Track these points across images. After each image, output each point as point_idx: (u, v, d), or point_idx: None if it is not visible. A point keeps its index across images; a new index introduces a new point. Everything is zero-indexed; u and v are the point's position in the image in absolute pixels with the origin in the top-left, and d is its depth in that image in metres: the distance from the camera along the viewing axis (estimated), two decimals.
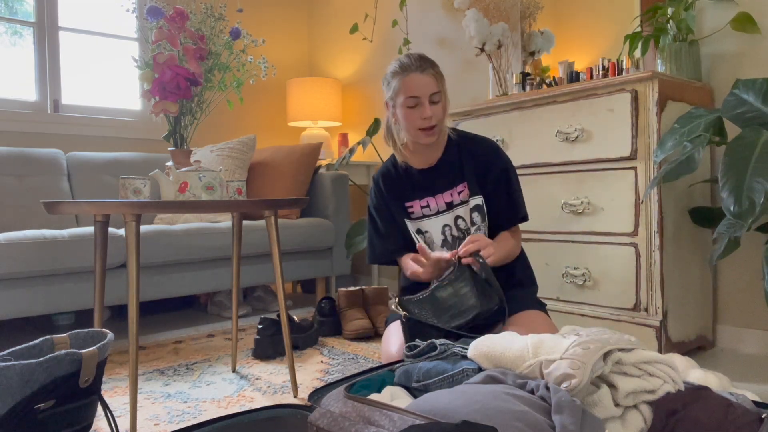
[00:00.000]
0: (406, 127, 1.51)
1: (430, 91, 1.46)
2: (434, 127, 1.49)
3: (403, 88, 1.47)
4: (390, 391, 1.03)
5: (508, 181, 1.56)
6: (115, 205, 1.33)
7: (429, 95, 1.46)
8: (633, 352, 0.91)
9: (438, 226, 1.57)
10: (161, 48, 1.63)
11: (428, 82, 1.46)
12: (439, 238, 1.57)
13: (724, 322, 2.02)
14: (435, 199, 1.57)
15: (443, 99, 1.50)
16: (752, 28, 1.88)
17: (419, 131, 1.49)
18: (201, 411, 1.50)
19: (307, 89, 3.47)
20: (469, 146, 1.59)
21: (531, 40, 2.49)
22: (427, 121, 1.47)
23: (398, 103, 1.50)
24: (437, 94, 1.48)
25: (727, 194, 1.34)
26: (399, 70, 1.49)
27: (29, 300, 2.00)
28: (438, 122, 1.49)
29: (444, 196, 1.57)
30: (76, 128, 3.00)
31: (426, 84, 1.46)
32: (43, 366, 0.90)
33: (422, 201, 1.58)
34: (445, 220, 1.56)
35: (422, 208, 1.58)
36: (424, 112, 1.46)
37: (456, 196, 1.56)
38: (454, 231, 1.55)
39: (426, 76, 1.46)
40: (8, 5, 2.90)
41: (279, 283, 1.60)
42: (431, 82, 1.46)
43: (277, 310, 2.85)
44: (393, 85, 1.50)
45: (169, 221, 2.64)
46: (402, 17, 3.12)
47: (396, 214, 1.61)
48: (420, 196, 1.59)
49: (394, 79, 1.50)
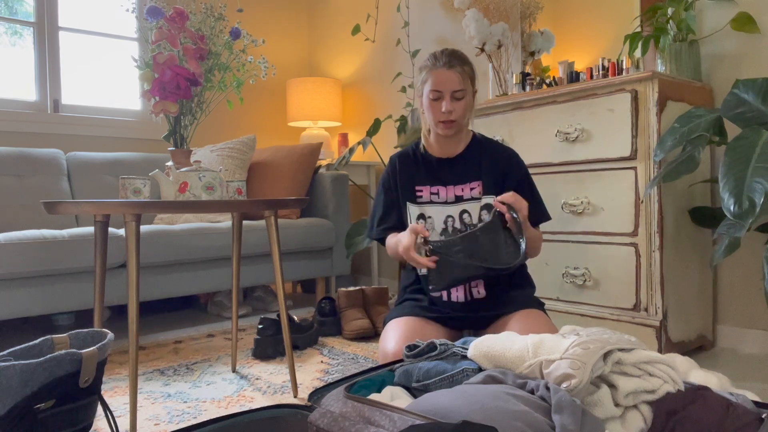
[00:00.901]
0: (429, 118, 1.59)
1: (453, 88, 1.51)
2: (453, 122, 1.54)
3: (428, 81, 1.54)
4: (390, 391, 1.03)
5: (530, 185, 1.62)
6: (115, 205, 1.33)
7: (451, 91, 1.52)
8: (633, 352, 0.91)
9: (442, 214, 1.59)
10: (161, 48, 1.63)
11: (452, 78, 1.51)
12: (440, 226, 1.59)
13: (724, 322, 2.02)
14: (446, 189, 1.61)
15: (467, 97, 1.55)
16: (752, 28, 1.88)
17: (438, 123, 1.55)
18: (201, 411, 1.50)
19: (307, 89, 3.46)
20: (490, 150, 1.64)
21: (531, 40, 2.49)
22: (446, 115, 1.53)
23: (424, 93, 1.56)
24: (460, 92, 1.52)
25: (727, 194, 1.34)
26: (429, 63, 1.56)
27: (29, 300, 2.00)
28: (458, 118, 1.54)
29: (455, 189, 1.60)
30: (76, 128, 2.99)
31: (450, 80, 1.51)
32: (43, 366, 0.90)
33: (433, 188, 1.62)
34: (451, 211, 1.58)
35: (431, 194, 1.61)
36: (446, 106, 1.52)
37: (467, 192, 1.59)
38: (457, 223, 1.57)
39: (452, 73, 1.51)
40: (8, 5, 2.90)
41: (279, 283, 1.60)
42: (455, 79, 1.51)
43: (277, 310, 2.85)
44: (421, 76, 1.58)
45: (169, 221, 2.64)
46: (402, 17, 3.12)
47: (401, 195, 1.65)
48: (432, 182, 1.62)
49: (423, 70, 1.57)
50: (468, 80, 1.54)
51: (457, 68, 1.52)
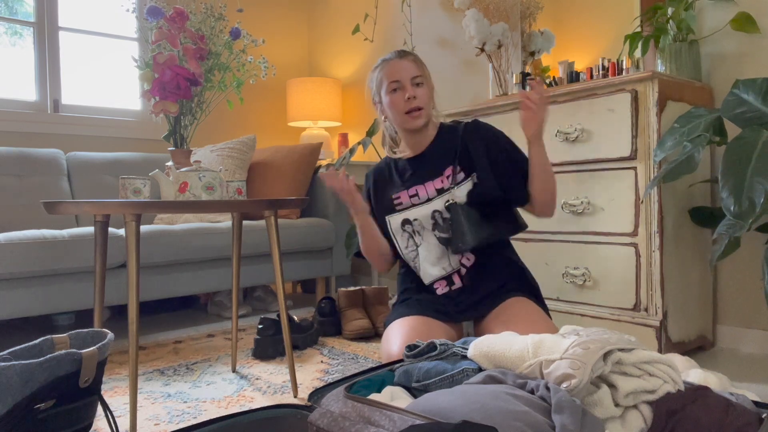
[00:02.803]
0: (394, 116, 1.56)
1: (411, 75, 1.52)
2: (420, 110, 1.53)
3: (384, 75, 1.54)
4: (390, 391, 1.03)
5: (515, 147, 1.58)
6: (115, 205, 1.33)
7: (410, 78, 1.52)
8: (633, 352, 0.90)
9: (427, 212, 1.56)
10: (161, 48, 1.63)
11: (408, 66, 1.53)
12: (429, 222, 1.56)
13: (724, 322, 2.02)
14: (424, 186, 1.58)
15: (426, 83, 1.55)
16: (752, 28, 1.88)
17: (405, 116, 1.53)
18: (201, 411, 1.50)
19: (307, 89, 3.46)
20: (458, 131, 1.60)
21: (531, 40, 2.49)
22: (410, 102, 1.51)
23: (383, 92, 1.55)
24: (419, 77, 1.53)
25: (727, 194, 1.34)
26: (379, 63, 1.58)
27: (29, 300, 2.00)
28: (423, 104, 1.52)
29: (434, 183, 1.57)
30: (76, 128, 2.99)
31: (406, 68, 1.52)
32: (43, 366, 0.90)
33: (410, 190, 1.59)
34: (435, 205, 1.56)
35: (410, 197, 1.59)
36: (408, 92, 1.51)
37: (446, 182, 1.56)
38: (445, 213, 1.54)
39: (405, 62, 1.53)
40: (8, 5, 2.90)
41: (279, 283, 1.59)
42: (411, 66, 1.53)
43: (277, 310, 2.85)
44: (376, 78, 1.57)
45: (169, 221, 2.64)
46: (402, 17, 3.12)
47: (378, 213, 1.64)
48: (408, 185, 1.59)
49: (376, 71, 1.57)
50: (424, 68, 1.55)
51: (409, 56, 1.54)
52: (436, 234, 1.56)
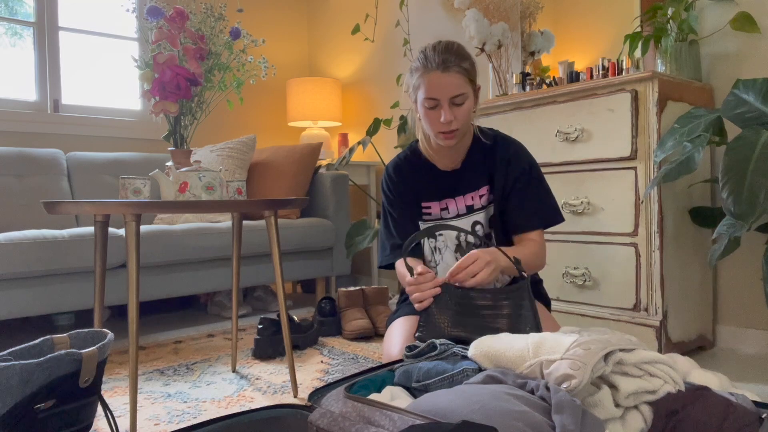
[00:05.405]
0: (427, 128, 1.41)
1: (451, 94, 1.32)
2: (454, 132, 1.37)
3: (422, 86, 1.34)
4: (390, 391, 1.02)
5: (530, 183, 1.46)
6: (115, 205, 1.33)
7: (450, 98, 1.33)
8: (634, 352, 0.90)
9: (453, 233, 1.48)
10: (161, 48, 1.63)
11: (450, 82, 1.32)
12: (453, 242, 1.49)
13: (724, 322, 2.02)
14: (455, 201, 1.48)
15: (469, 100, 1.36)
16: (752, 28, 1.88)
17: (439, 134, 1.38)
18: (201, 411, 1.49)
19: (307, 89, 3.46)
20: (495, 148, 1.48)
21: (531, 40, 2.49)
22: (446, 125, 1.35)
23: (419, 100, 1.37)
24: (460, 96, 1.33)
25: (728, 194, 1.34)
26: (420, 65, 1.35)
27: (29, 300, 2.00)
28: (460, 126, 1.36)
29: (465, 199, 1.48)
30: (76, 128, 2.99)
31: (447, 85, 1.32)
32: (43, 366, 0.90)
33: (441, 203, 1.50)
34: (463, 224, 1.48)
35: (441, 210, 1.50)
36: (445, 115, 1.33)
37: (477, 200, 1.47)
38: (470, 237, 1.46)
39: (448, 76, 1.31)
40: (8, 5, 2.90)
41: (279, 283, 1.59)
42: (453, 83, 1.32)
43: (277, 310, 2.85)
44: (413, 81, 1.38)
45: (169, 221, 2.64)
46: (402, 17, 3.12)
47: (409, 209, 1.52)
48: (440, 197, 1.50)
49: (415, 74, 1.37)
50: (467, 81, 1.35)
51: (453, 69, 1.31)
52: (457, 257, 1.49)
